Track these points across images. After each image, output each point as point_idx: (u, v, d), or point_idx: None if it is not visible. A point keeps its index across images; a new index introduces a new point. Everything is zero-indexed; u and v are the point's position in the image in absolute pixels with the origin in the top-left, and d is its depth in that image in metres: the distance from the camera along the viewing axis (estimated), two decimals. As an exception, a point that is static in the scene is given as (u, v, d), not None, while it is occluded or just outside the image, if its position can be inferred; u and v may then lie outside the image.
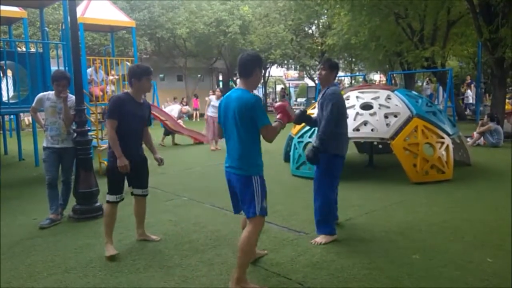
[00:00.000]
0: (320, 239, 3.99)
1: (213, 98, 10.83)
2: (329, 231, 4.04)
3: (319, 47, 27.04)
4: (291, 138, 7.74)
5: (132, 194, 4.09)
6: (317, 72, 4.37)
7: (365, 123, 6.60)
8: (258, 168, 3.15)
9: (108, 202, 3.87)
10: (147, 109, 4.09)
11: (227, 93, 3.29)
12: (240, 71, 3.20)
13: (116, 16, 9.93)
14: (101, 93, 9.14)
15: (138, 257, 3.76)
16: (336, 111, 3.97)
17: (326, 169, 4.09)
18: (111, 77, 9.53)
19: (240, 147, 3.09)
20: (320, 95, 4.23)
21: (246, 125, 3.05)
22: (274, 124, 3.16)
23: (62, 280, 3.35)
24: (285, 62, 31.26)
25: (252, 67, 3.15)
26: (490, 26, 10.86)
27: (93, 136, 7.29)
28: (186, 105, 17.93)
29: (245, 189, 3.09)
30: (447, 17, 15.81)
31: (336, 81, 4.48)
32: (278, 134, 3.17)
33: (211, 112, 10.57)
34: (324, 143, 3.97)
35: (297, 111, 4.28)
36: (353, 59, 29.78)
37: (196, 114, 23.15)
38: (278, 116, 3.26)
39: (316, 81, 25.42)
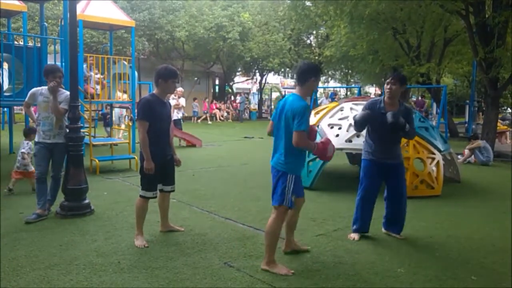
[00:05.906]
0: (353, 235, 4.43)
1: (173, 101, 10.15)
2: (354, 229, 4.49)
3: (317, 57, 27.21)
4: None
5: (160, 191, 4.30)
6: (387, 87, 4.24)
7: (357, 134, 6.61)
8: (294, 167, 3.50)
9: (143, 197, 4.13)
10: (169, 108, 4.34)
11: (285, 97, 3.67)
12: (296, 78, 3.53)
13: (116, 15, 9.92)
14: (92, 91, 9.11)
15: (123, 257, 3.74)
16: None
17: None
18: (96, 77, 9.47)
19: (284, 146, 3.45)
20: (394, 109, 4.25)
21: (291, 128, 3.39)
22: (311, 140, 3.51)
23: (45, 276, 3.32)
24: (282, 70, 31.41)
25: (308, 75, 3.46)
26: (486, 47, 10.98)
27: (86, 133, 7.26)
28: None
29: (280, 182, 3.47)
30: (444, 34, 15.99)
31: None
32: (307, 150, 3.54)
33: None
34: (407, 135, 4.29)
35: (389, 113, 4.08)
36: (350, 71, 30.00)
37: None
38: (319, 141, 3.56)
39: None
